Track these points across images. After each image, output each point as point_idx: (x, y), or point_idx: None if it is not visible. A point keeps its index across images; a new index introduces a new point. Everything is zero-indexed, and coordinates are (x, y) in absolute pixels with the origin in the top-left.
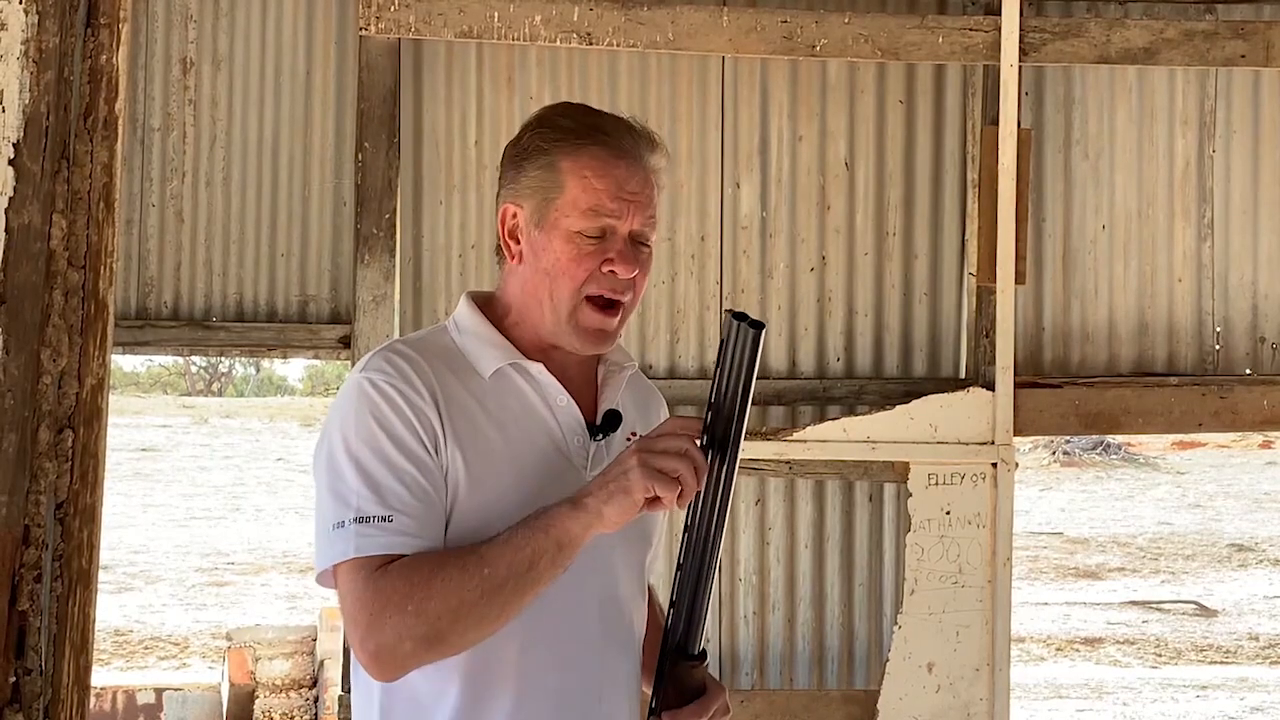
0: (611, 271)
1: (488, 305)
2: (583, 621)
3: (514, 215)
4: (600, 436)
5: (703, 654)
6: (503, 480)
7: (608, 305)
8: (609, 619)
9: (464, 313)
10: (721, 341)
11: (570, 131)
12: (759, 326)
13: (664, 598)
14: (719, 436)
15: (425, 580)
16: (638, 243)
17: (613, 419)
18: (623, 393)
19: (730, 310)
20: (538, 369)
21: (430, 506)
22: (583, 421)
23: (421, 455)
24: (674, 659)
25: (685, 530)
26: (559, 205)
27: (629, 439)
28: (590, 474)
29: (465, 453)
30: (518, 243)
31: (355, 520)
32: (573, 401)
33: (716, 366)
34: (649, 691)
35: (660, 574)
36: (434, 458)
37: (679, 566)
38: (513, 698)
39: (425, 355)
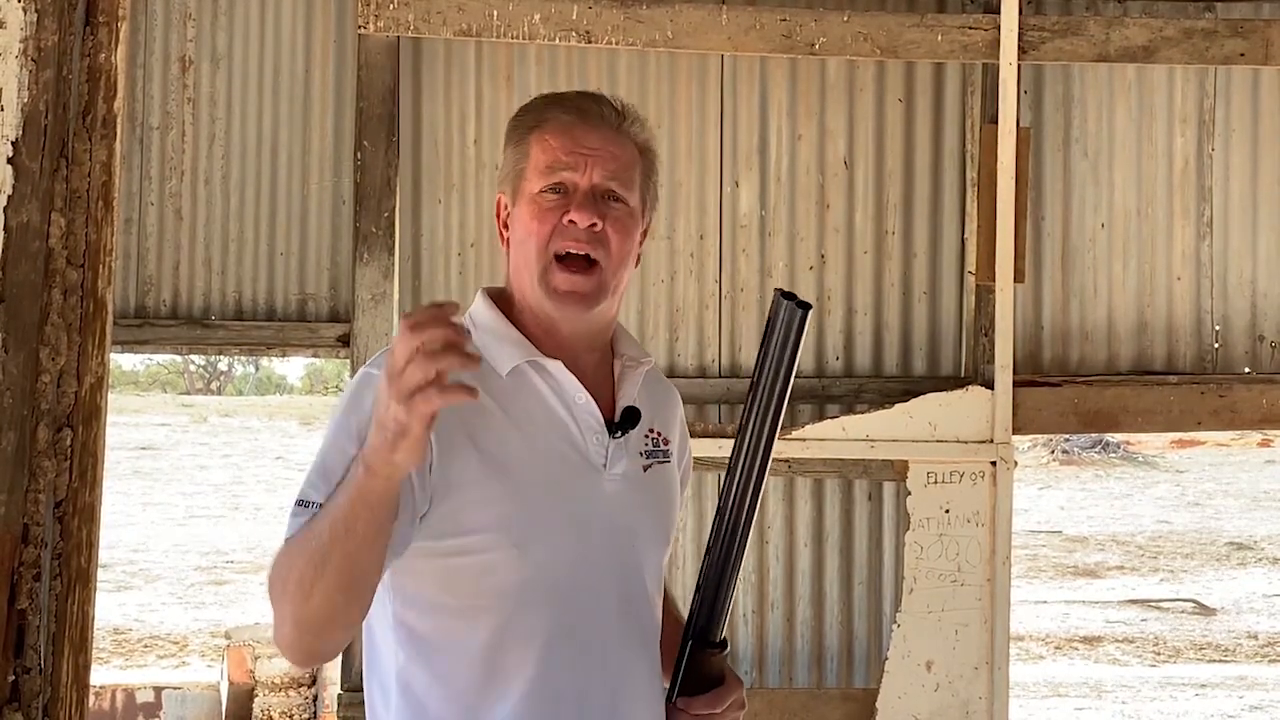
0: (571, 222)
1: (501, 299)
2: (603, 621)
3: (504, 205)
4: (619, 434)
5: (724, 642)
6: (518, 480)
7: (577, 264)
8: (628, 618)
9: (479, 308)
10: (768, 320)
11: (537, 108)
12: (806, 307)
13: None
14: (759, 415)
15: (285, 564)
16: (607, 198)
17: (631, 416)
18: (639, 389)
19: (779, 289)
20: (556, 366)
21: None
22: (601, 419)
23: None
24: (695, 645)
25: (717, 514)
26: (526, 174)
27: (648, 435)
28: (609, 472)
29: (478, 453)
30: (508, 230)
31: (296, 503)
32: (591, 399)
33: (761, 346)
34: (665, 684)
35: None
36: None
37: (708, 550)
38: (532, 696)
39: None
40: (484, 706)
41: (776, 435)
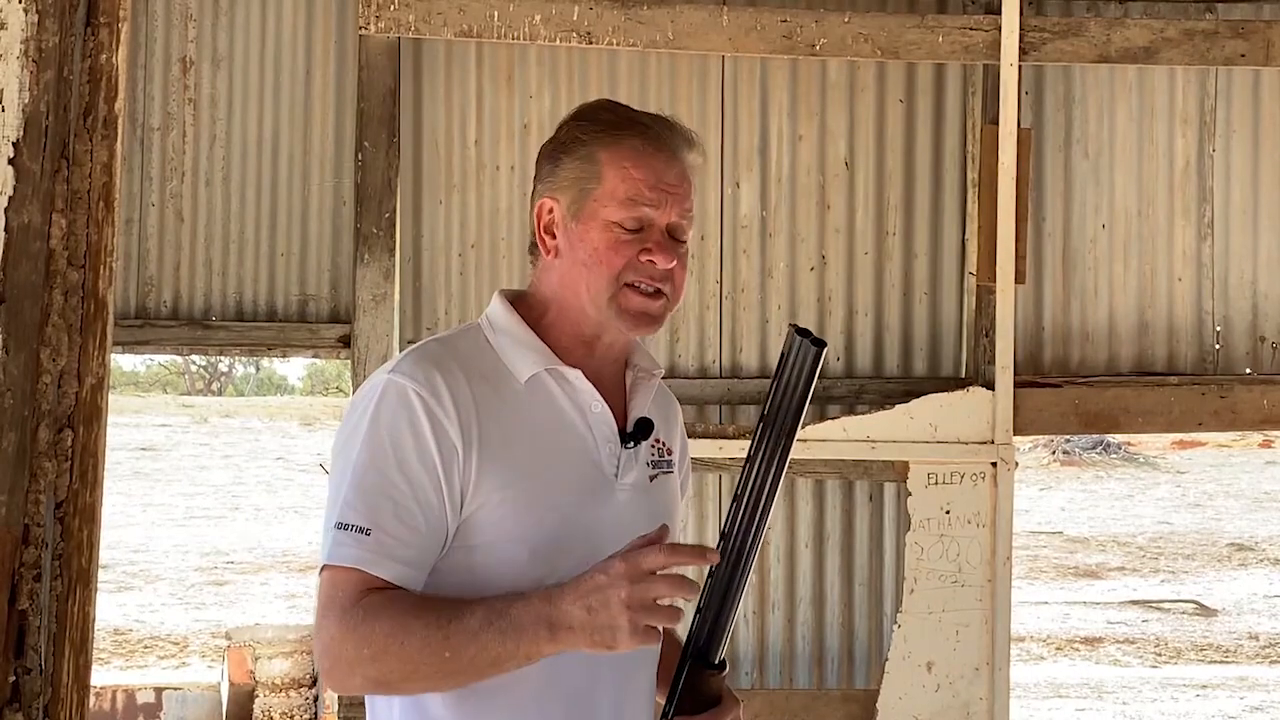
0: (650, 261)
1: (521, 303)
2: None
3: (550, 210)
4: (631, 444)
5: (722, 664)
6: (532, 486)
7: (648, 293)
8: None
9: (498, 312)
10: (781, 355)
11: (609, 124)
12: (820, 344)
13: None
14: (768, 449)
15: (388, 634)
16: (674, 238)
17: (644, 427)
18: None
19: (793, 325)
20: (575, 375)
21: (412, 531)
22: (615, 428)
23: (420, 478)
24: (693, 666)
25: (721, 538)
26: (597, 196)
27: (654, 444)
28: (620, 482)
29: (496, 462)
30: (554, 237)
31: (336, 526)
32: (607, 409)
33: (774, 379)
34: (660, 702)
35: None
36: (439, 481)
37: (710, 573)
38: (537, 702)
39: (459, 361)
40: (489, 712)
41: (785, 469)
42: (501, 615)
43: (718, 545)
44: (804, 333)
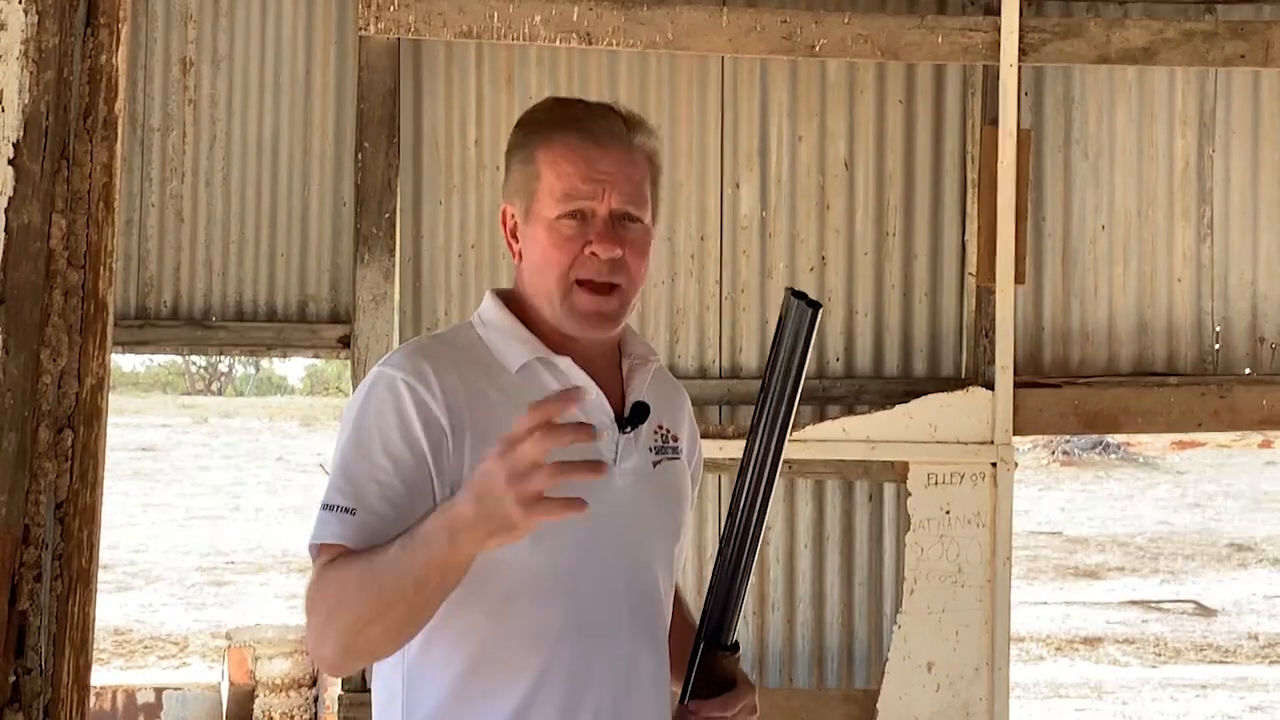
0: (594, 254)
1: (510, 301)
2: (613, 614)
3: (511, 215)
4: (629, 429)
5: (735, 645)
6: None
7: (600, 288)
8: (638, 612)
9: (489, 308)
10: (779, 319)
11: (544, 123)
12: (816, 305)
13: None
14: (770, 414)
15: (337, 590)
16: (624, 220)
17: (640, 411)
18: (648, 386)
19: (789, 288)
20: (566, 363)
21: (396, 510)
22: (611, 414)
23: (405, 459)
24: (706, 647)
25: (728, 516)
26: (539, 196)
27: (657, 431)
28: (619, 467)
29: (489, 447)
30: (518, 241)
31: (323, 507)
32: (602, 394)
33: (772, 345)
34: (676, 689)
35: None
36: (425, 463)
37: (719, 552)
38: (541, 689)
39: (451, 353)
40: (493, 700)
41: (788, 435)
42: (411, 535)
43: (724, 525)
44: (800, 295)
